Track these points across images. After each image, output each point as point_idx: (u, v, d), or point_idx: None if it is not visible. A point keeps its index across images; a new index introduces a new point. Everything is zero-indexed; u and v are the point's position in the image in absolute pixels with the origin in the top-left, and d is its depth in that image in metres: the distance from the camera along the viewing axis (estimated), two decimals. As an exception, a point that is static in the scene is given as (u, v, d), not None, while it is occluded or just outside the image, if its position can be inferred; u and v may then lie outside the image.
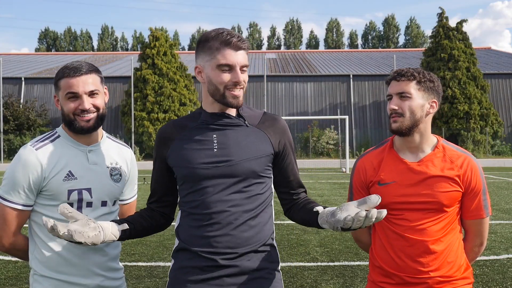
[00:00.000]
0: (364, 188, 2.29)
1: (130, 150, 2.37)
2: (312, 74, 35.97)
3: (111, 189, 2.19)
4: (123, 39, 76.10)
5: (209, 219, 1.93)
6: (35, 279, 2.10)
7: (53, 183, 2.05)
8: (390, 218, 2.20)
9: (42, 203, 2.09)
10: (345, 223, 1.69)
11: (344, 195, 13.19)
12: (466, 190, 2.18)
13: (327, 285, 5.17)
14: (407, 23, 79.50)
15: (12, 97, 31.94)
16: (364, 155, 2.36)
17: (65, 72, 2.07)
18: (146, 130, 29.63)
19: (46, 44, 73.65)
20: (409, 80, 2.18)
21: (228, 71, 1.91)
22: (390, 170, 2.22)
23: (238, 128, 2.00)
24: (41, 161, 2.05)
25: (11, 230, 2.08)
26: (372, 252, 2.32)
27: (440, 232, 2.16)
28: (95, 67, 2.14)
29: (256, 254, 1.97)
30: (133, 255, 6.54)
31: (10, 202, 2.05)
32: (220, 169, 1.93)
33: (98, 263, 2.13)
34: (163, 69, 30.32)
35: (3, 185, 2.07)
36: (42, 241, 2.08)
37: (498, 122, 31.02)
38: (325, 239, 7.46)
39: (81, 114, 2.07)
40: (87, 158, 2.14)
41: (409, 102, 2.17)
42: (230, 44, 1.90)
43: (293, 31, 75.57)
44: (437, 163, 2.18)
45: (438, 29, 31.96)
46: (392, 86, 2.21)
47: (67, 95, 2.06)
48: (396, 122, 2.17)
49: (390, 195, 2.18)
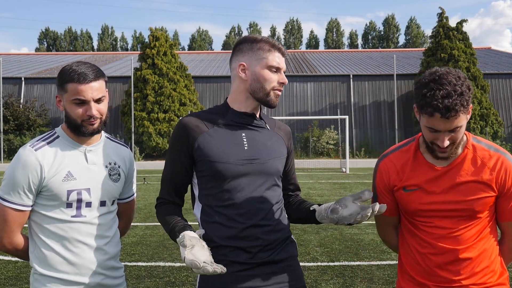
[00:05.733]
0: (389, 191, 2.13)
1: (128, 149, 2.38)
2: (312, 74, 35.96)
3: (110, 189, 2.20)
4: (123, 39, 76.13)
5: (240, 214, 2.02)
6: (36, 278, 2.11)
7: (53, 183, 2.06)
8: (418, 225, 2.08)
9: (42, 203, 2.10)
10: (355, 220, 1.91)
11: (344, 195, 13.17)
12: (501, 193, 2.01)
13: (327, 285, 5.18)
14: (407, 23, 79.52)
15: (12, 97, 31.94)
16: (386, 156, 2.17)
17: (73, 76, 2.07)
18: (146, 130, 29.62)
19: (46, 44, 73.66)
20: (459, 113, 1.85)
21: (276, 72, 2.08)
22: (417, 176, 2.05)
23: (262, 130, 2.15)
24: (40, 161, 2.05)
25: (12, 231, 2.09)
26: (400, 258, 2.19)
27: (473, 238, 2.01)
28: (101, 72, 2.16)
29: (284, 245, 2.11)
30: (133, 255, 6.54)
31: (10, 202, 2.05)
32: (253, 166, 2.05)
33: (98, 262, 2.14)
34: (163, 69, 30.32)
35: (3, 185, 2.07)
36: (42, 241, 2.10)
37: (498, 122, 31.03)
38: (325, 239, 7.46)
39: (87, 120, 2.10)
40: (86, 158, 2.16)
41: (460, 131, 1.92)
42: (279, 49, 2.10)
43: (293, 31, 75.57)
44: (467, 166, 2.00)
45: (438, 29, 31.98)
46: (439, 124, 1.87)
47: (74, 101, 2.08)
48: (445, 153, 1.95)
49: (417, 202, 2.04)
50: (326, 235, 7.71)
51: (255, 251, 2.02)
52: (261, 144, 2.09)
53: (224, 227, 2.02)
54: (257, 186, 2.05)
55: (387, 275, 5.53)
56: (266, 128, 2.16)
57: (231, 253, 2.01)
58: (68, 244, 2.09)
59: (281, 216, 2.13)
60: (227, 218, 2.02)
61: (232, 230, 2.01)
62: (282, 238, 2.10)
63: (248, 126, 2.10)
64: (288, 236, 2.14)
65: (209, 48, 74.97)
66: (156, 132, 29.68)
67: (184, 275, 5.59)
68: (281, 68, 2.09)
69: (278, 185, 2.14)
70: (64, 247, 2.09)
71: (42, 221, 2.10)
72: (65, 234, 2.09)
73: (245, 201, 2.02)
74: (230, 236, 2.01)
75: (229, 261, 1.99)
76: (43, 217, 2.10)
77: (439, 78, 1.87)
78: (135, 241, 7.33)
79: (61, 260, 2.09)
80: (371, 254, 6.53)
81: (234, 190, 2.02)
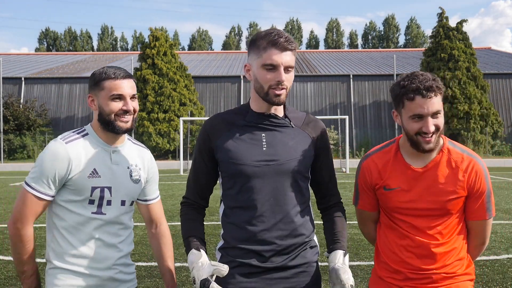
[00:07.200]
0: (370, 189, 2.28)
1: (149, 151, 2.45)
2: (312, 74, 35.97)
3: (130, 189, 2.27)
4: (123, 39, 76.13)
5: (255, 217, 1.99)
6: (50, 273, 2.17)
7: (79, 178, 2.13)
8: (395, 220, 2.23)
9: (66, 196, 2.16)
10: None
11: (344, 195, 13.16)
12: (470, 193, 2.16)
13: (327, 285, 5.16)
14: (407, 23, 79.49)
15: (12, 97, 31.92)
16: (369, 156, 2.30)
17: (109, 74, 2.16)
18: (146, 130, 29.62)
19: (46, 44, 73.65)
20: (436, 94, 2.06)
21: (272, 70, 1.96)
22: (396, 176, 2.19)
23: (284, 129, 2.07)
24: (70, 155, 2.12)
25: (27, 216, 2.13)
26: (377, 248, 2.34)
27: (445, 234, 2.18)
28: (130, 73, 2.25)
29: (302, 250, 2.06)
30: (133, 255, 6.53)
31: (33, 189, 2.12)
32: (270, 168, 2.00)
33: (112, 258, 2.21)
34: (163, 69, 30.31)
35: (32, 172, 2.15)
36: (60, 233, 2.16)
37: (498, 122, 31.00)
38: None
39: (122, 115, 2.17)
40: (110, 157, 2.22)
41: (441, 116, 2.09)
42: (276, 44, 1.95)
43: (293, 31, 75.56)
44: (442, 168, 2.15)
45: (438, 29, 31.94)
46: (421, 106, 2.03)
47: (111, 96, 2.15)
48: (430, 143, 2.07)
49: (396, 200, 2.19)
50: (326, 235, 7.70)
51: (269, 255, 1.99)
52: (281, 144, 2.03)
53: (239, 229, 2.02)
54: (274, 188, 2.00)
55: (387, 275, 5.51)
56: (291, 126, 2.09)
57: (244, 255, 2.00)
58: (85, 239, 2.15)
59: (302, 220, 2.06)
60: (242, 220, 2.01)
61: (246, 232, 2.00)
62: (300, 243, 2.05)
63: (269, 127, 2.05)
64: (307, 241, 2.08)
65: (209, 48, 74.96)
66: (156, 132, 29.68)
67: (184, 275, 5.59)
68: (278, 65, 1.95)
69: (300, 186, 2.06)
70: (80, 242, 2.15)
71: (63, 214, 2.16)
72: (83, 229, 2.15)
73: (261, 203, 1.99)
74: (243, 238, 2.01)
75: (240, 263, 1.99)
76: (64, 211, 2.16)
77: (411, 75, 2.09)
78: (135, 241, 7.26)
79: (77, 253, 2.15)
80: (371, 254, 6.53)
81: (250, 192, 2.00)
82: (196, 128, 30.67)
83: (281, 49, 1.95)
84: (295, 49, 2.01)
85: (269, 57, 1.95)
